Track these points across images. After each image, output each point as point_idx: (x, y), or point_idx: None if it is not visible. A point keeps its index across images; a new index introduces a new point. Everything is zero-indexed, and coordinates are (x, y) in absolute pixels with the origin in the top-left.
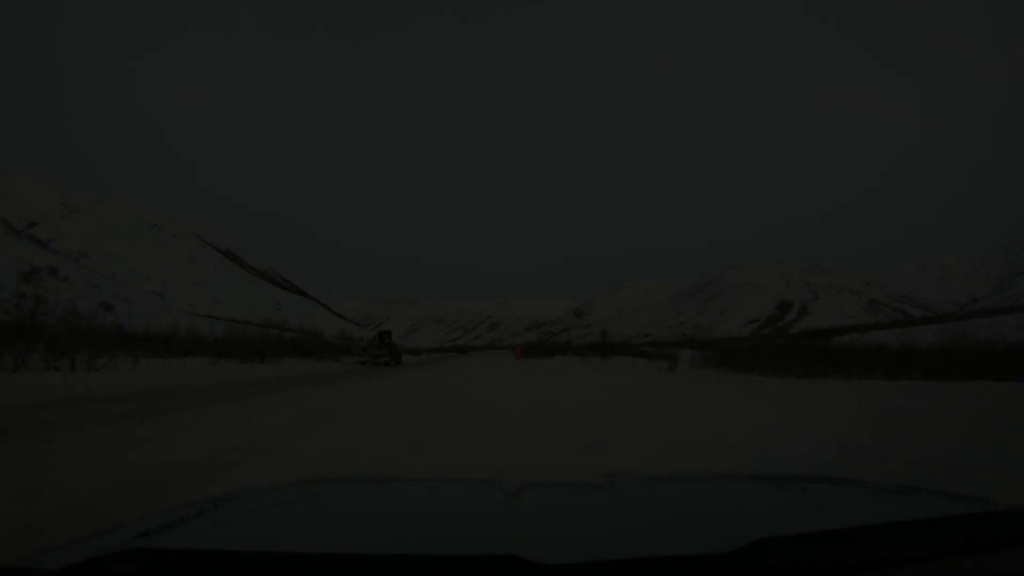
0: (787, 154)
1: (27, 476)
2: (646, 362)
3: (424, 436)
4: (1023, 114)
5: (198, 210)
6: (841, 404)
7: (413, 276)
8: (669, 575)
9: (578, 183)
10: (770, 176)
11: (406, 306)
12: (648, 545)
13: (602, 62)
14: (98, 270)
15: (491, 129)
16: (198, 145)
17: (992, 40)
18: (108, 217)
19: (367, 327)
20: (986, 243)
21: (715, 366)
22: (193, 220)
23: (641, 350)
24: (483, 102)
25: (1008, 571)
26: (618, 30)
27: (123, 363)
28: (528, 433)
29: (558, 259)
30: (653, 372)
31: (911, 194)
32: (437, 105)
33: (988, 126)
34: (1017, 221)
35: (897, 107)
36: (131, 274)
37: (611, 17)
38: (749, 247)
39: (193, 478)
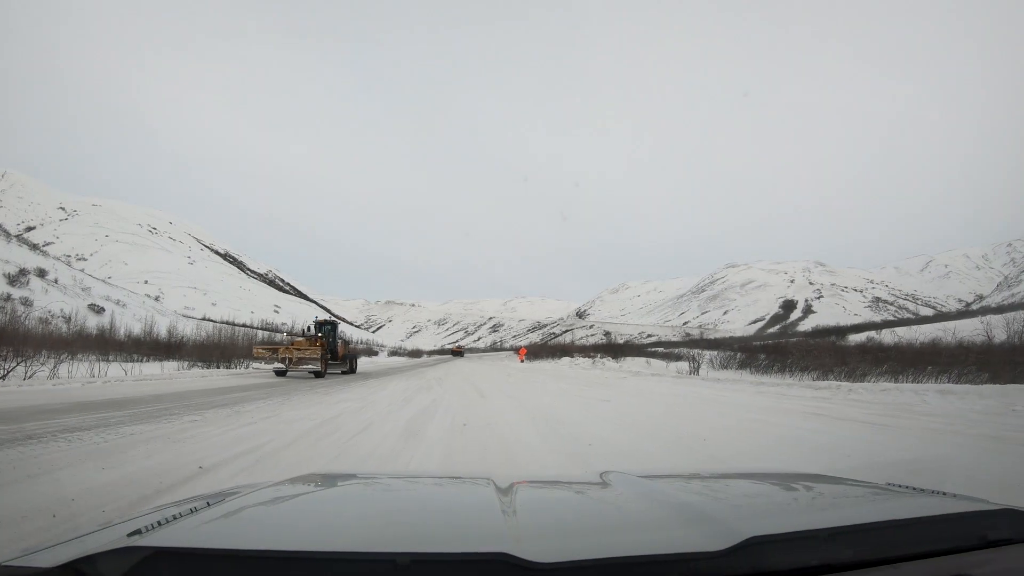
0: (791, 152)
1: None
2: (663, 364)
3: None
4: None
5: (202, 214)
6: None
7: (416, 278)
8: (662, 573)
9: (582, 183)
10: (774, 174)
11: (407, 308)
12: (641, 543)
13: (605, 55)
14: (95, 273)
15: (493, 128)
16: (202, 148)
17: (996, 35)
18: (106, 220)
19: (368, 329)
20: (988, 240)
21: (738, 368)
22: (194, 224)
23: (651, 351)
24: (485, 99)
25: (999, 569)
26: (629, 26)
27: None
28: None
29: (561, 259)
30: (680, 375)
31: (915, 192)
32: (439, 103)
33: (991, 122)
34: (1020, 218)
35: (899, 103)
36: (128, 277)
37: (623, 16)
38: (752, 246)
39: None
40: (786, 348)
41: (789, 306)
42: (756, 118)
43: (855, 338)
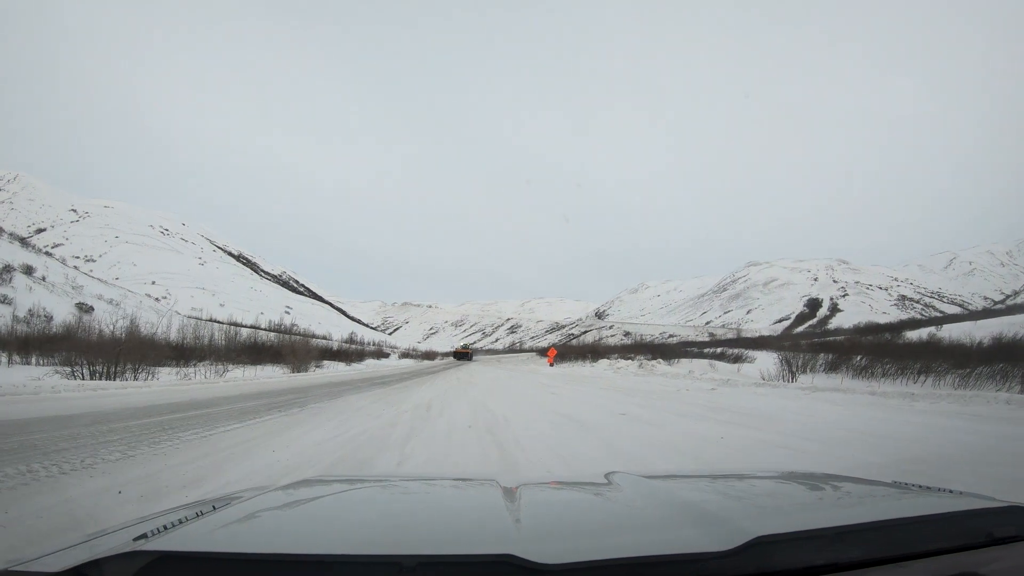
0: (807, 150)
1: None
2: (730, 366)
3: None
4: None
5: (219, 218)
6: None
7: (433, 280)
8: (668, 574)
9: (596, 183)
10: (791, 172)
11: (424, 310)
12: (647, 543)
13: (618, 55)
14: (104, 274)
15: (504, 131)
16: (221, 154)
17: (1013, 30)
18: (117, 222)
19: (385, 330)
20: (1011, 236)
21: (828, 370)
22: (208, 226)
23: (699, 351)
24: (495, 103)
25: (1006, 566)
26: (644, 25)
27: None
28: None
29: (579, 260)
30: (803, 387)
31: (934, 188)
32: (454, 105)
33: (1006, 118)
34: None
35: (916, 101)
36: (136, 278)
37: (637, 15)
38: (771, 244)
39: None
40: (891, 347)
41: (814, 305)
42: (773, 117)
43: (912, 334)
